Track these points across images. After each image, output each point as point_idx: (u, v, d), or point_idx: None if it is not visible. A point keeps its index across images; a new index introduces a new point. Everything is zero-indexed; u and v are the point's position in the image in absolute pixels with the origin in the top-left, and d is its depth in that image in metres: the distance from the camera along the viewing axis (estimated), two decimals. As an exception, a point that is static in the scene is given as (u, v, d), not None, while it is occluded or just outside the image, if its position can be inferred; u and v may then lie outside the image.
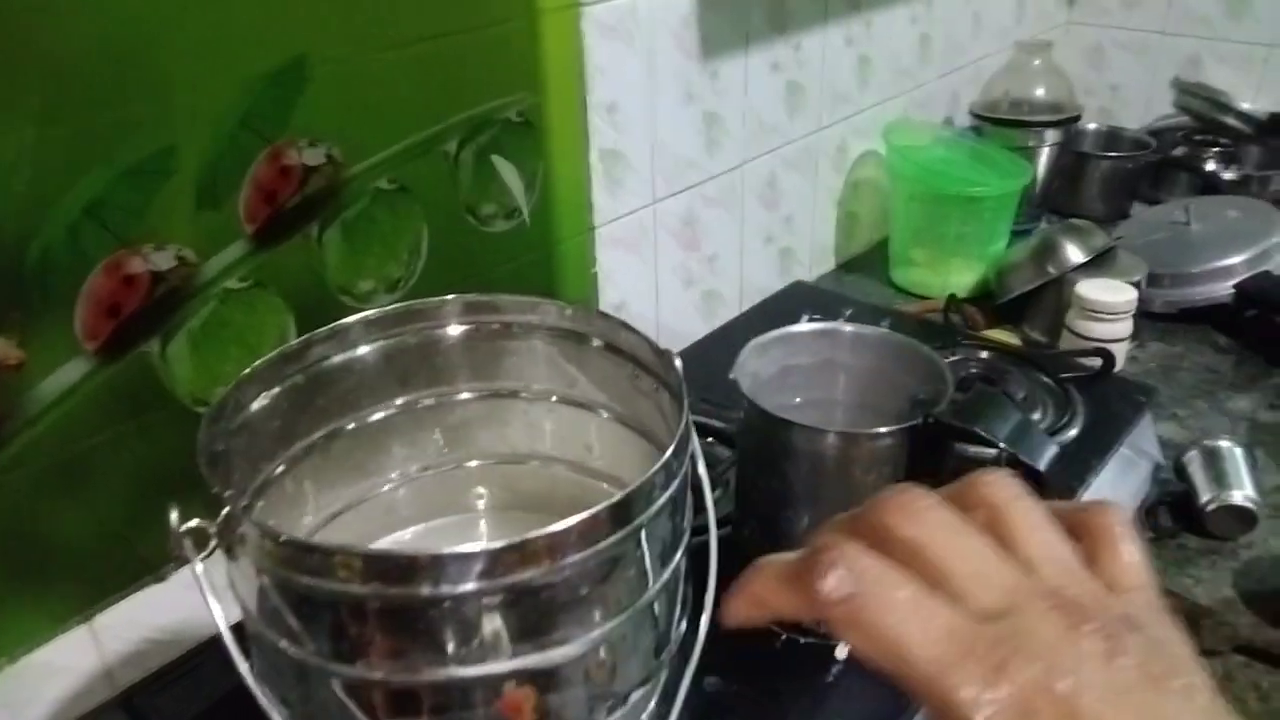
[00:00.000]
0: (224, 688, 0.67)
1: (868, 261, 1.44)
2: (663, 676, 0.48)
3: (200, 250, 0.69)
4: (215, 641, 0.72)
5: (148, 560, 0.74)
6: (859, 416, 0.71)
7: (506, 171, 0.88)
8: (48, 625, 0.70)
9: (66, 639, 0.71)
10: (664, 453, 0.44)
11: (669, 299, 1.13)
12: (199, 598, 0.76)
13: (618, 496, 0.40)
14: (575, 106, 0.93)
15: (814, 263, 1.38)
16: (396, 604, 0.39)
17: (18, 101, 0.58)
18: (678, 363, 0.52)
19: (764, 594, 0.30)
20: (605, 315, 0.58)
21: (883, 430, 0.61)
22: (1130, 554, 0.30)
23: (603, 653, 0.43)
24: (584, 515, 0.39)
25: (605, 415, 0.61)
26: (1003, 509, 0.30)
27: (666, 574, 0.45)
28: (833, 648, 0.67)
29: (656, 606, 0.45)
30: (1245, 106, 1.58)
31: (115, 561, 0.72)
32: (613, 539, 0.41)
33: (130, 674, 0.72)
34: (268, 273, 0.73)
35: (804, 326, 0.72)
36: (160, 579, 0.75)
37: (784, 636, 0.69)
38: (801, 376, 0.73)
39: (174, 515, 0.42)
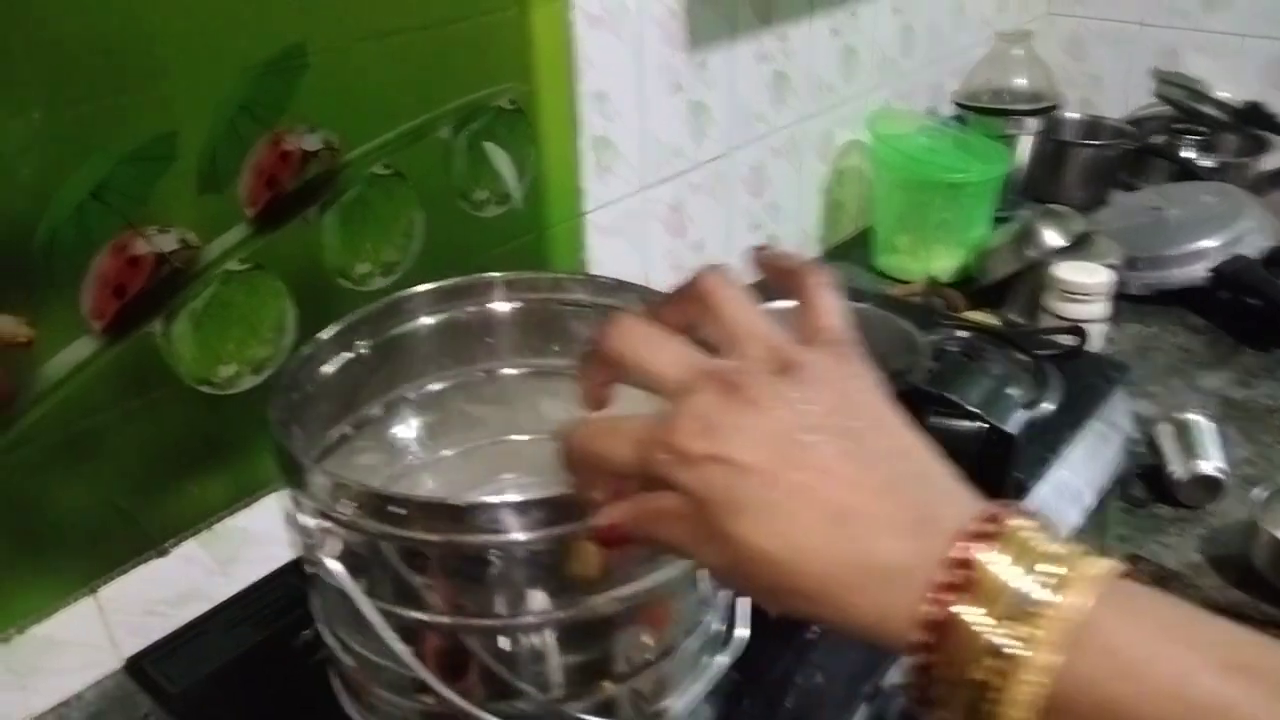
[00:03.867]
0: (229, 654, 0.70)
1: (852, 248, 1.47)
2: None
3: (202, 233, 0.71)
4: (219, 610, 0.75)
5: (150, 534, 0.76)
6: (840, 390, 0.74)
7: (499, 158, 0.90)
8: (54, 598, 0.71)
9: (73, 611, 0.73)
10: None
11: (658, 284, 1.15)
12: (200, 570, 0.79)
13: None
14: (565, 95, 0.95)
15: (799, 249, 1.41)
16: (461, 551, 0.42)
17: (23, 87, 0.60)
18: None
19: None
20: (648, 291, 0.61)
21: (860, 399, 0.64)
22: (825, 309, 0.37)
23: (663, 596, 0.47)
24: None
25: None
26: (711, 298, 0.37)
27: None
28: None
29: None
30: (1222, 95, 1.61)
31: (119, 535, 0.74)
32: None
33: (135, 644, 0.74)
34: (268, 255, 0.75)
35: (785, 303, 0.75)
36: (163, 553, 0.77)
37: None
38: (784, 352, 0.76)
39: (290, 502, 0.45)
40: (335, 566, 0.43)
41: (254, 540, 0.82)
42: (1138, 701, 0.28)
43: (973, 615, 0.29)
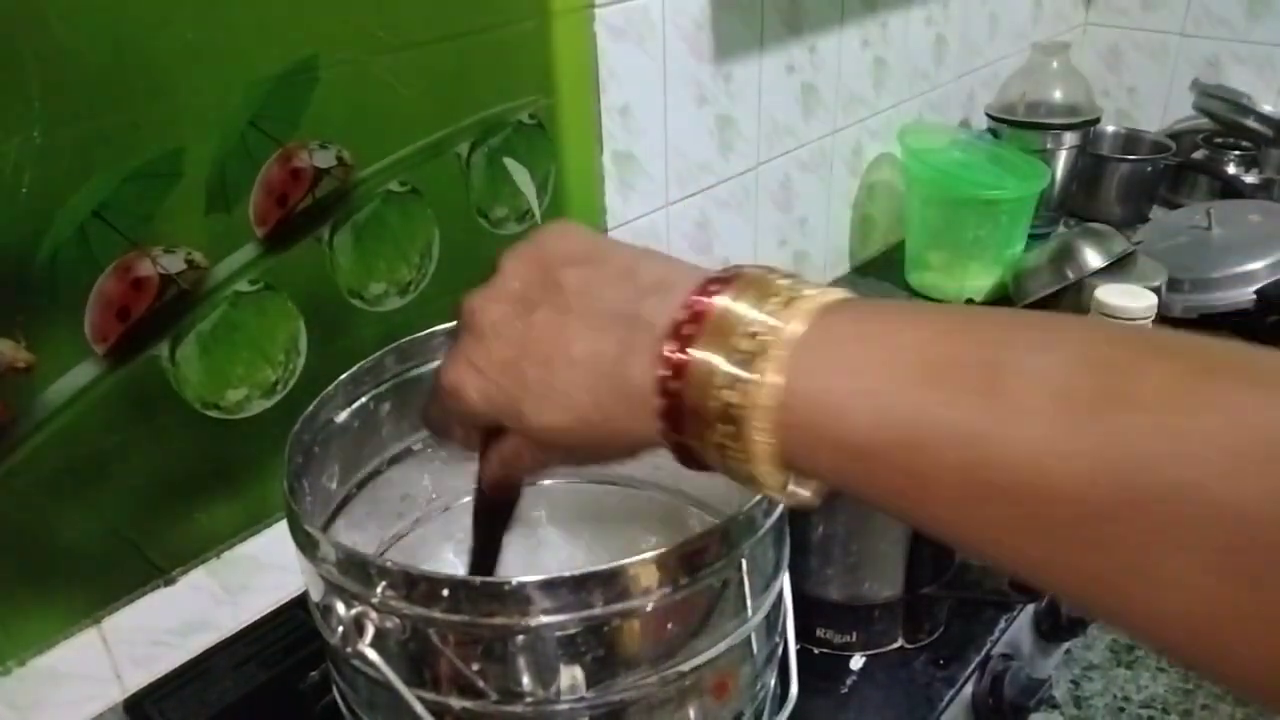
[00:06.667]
0: (233, 695, 0.67)
1: (883, 264, 1.43)
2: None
3: (210, 253, 0.69)
4: (224, 645, 0.72)
5: (156, 563, 0.73)
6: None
7: (518, 174, 0.88)
8: (57, 628, 0.69)
9: (76, 642, 0.70)
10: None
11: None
12: (208, 599, 0.77)
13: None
14: (587, 109, 0.92)
15: (829, 266, 1.37)
16: (488, 633, 0.39)
17: (22, 102, 0.58)
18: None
19: None
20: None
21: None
22: None
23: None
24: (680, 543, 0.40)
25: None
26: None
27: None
28: (848, 658, 0.66)
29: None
30: (1266, 109, 1.56)
31: (124, 564, 0.71)
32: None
33: (139, 677, 0.72)
34: (278, 276, 0.73)
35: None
36: (170, 582, 0.74)
37: (799, 647, 0.68)
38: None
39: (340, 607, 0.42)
40: (374, 656, 0.39)
41: (264, 568, 0.80)
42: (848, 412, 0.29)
43: (705, 352, 0.32)
